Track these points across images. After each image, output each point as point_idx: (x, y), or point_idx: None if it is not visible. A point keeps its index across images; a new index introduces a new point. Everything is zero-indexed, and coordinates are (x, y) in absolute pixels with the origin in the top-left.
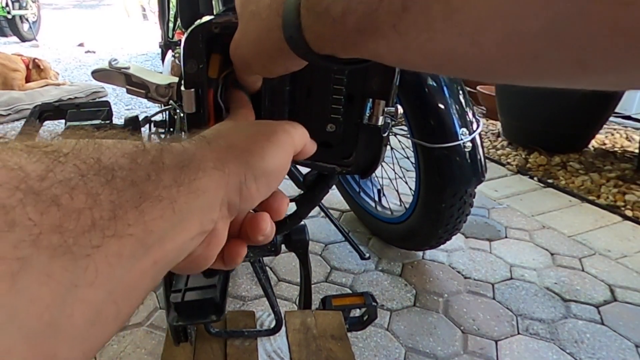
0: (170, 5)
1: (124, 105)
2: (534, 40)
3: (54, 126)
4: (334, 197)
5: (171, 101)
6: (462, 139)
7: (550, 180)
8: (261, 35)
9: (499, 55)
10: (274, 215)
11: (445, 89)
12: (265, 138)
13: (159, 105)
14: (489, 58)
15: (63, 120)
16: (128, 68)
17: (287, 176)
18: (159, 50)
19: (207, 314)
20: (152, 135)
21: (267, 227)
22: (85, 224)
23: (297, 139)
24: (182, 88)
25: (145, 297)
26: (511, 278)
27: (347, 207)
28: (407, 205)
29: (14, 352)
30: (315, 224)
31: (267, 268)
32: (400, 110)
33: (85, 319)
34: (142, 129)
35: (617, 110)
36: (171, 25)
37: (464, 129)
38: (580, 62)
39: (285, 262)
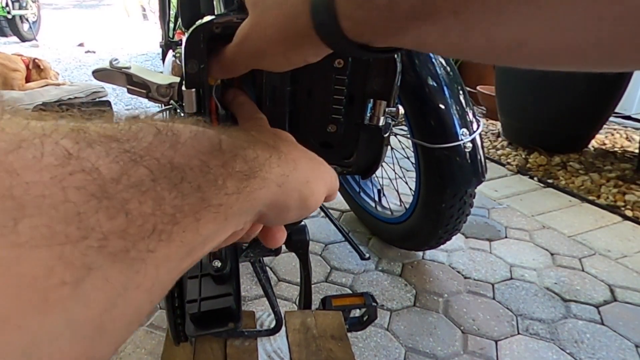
0: (171, 5)
1: (124, 105)
2: (618, 23)
3: None
4: None
5: (172, 101)
6: (462, 139)
7: (550, 180)
8: (286, 23)
9: (578, 40)
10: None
11: (445, 89)
12: (322, 175)
13: (160, 105)
14: (566, 43)
15: None
16: (129, 68)
17: None
18: (159, 50)
19: (225, 322)
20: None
21: (283, 238)
22: (147, 229)
23: (334, 188)
24: (183, 88)
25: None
26: (511, 278)
27: (347, 207)
28: (407, 206)
29: (65, 357)
30: (316, 224)
31: (267, 268)
32: (401, 110)
33: (127, 321)
34: None
35: (617, 110)
36: (172, 25)
37: (464, 129)
38: None
39: (285, 262)
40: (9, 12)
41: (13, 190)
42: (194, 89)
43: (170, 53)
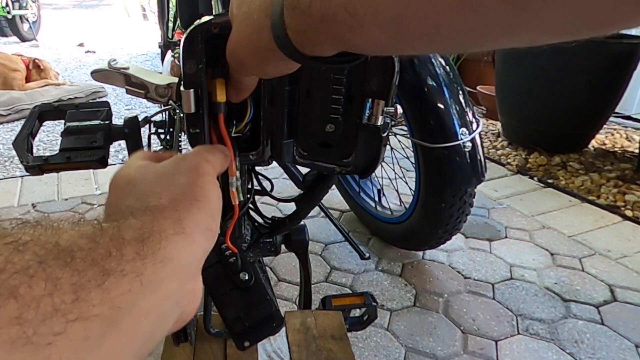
0: (170, 5)
1: (124, 105)
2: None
3: (53, 126)
4: (334, 197)
5: (171, 101)
6: (462, 139)
7: (550, 180)
8: (253, 36)
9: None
10: None
11: (445, 88)
12: (195, 176)
13: (159, 105)
14: (442, 26)
15: (63, 120)
16: (127, 68)
17: (287, 176)
18: (159, 50)
19: (271, 327)
20: (152, 136)
21: None
22: (46, 311)
23: (218, 166)
24: (182, 88)
25: None
26: (511, 278)
27: (347, 207)
28: (407, 205)
29: None
30: (315, 224)
31: (267, 268)
32: (400, 110)
33: None
34: (142, 129)
35: (617, 110)
36: (171, 25)
37: (464, 129)
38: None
39: (285, 262)
40: (9, 12)
41: None
42: (192, 89)
43: (169, 53)
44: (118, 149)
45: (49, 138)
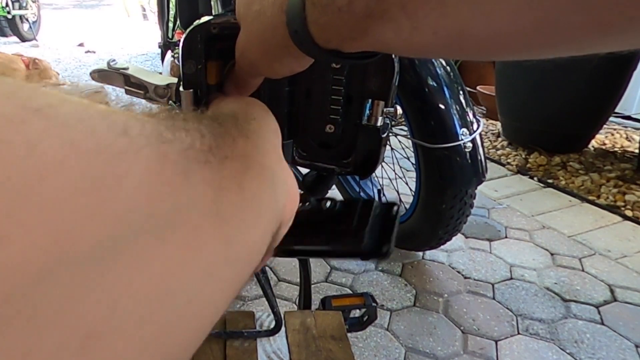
0: (170, 5)
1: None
2: (554, 5)
3: None
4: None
5: (170, 102)
6: (462, 139)
7: (550, 180)
8: (266, 34)
9: (515, 25)
10: None
11: (445, 89)
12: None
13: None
14: (503, 30)
15: None
16: (127, 69)
17: None
18: (159, 51)
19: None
20: None
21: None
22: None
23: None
24: (181, 89)
25: None
26: (511, 278)
27: None
28: (408, 206)
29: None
30: None
31: (267, 268)
32: (400, 110)
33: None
34: None
35: (617, 110)
36: (171, 25)
37: (465, 129)
38: (601, 23)
39: (285, 262)
40: (9, 12)
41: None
42: (191, 90)
43: (169, 53)
44: None
45: None
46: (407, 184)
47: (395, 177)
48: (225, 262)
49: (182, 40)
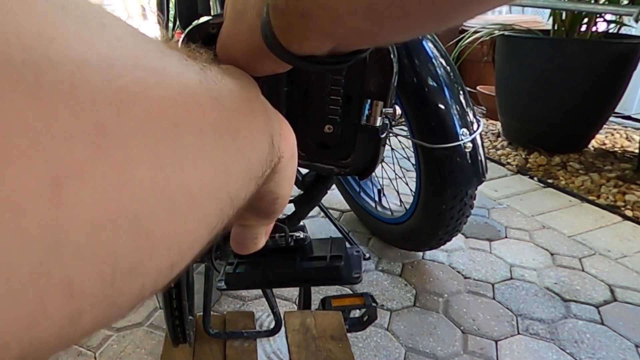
0: (170, 5)
1: None
2: None
3: None
4: (334, 197)
5: None
6: (462, 140)
7: (550, 180)
8: (245, 35)
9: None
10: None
11: (445, 89)
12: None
13: None
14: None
15: None
16: None
17: None
18: None
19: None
20: None
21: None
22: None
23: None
24: None
25: None
26: (511, 278)
27: (347, 207)
28: (408, 206)
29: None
30: (315, 224)
31: None
32: (399, 111)
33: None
34: None
35: (617, 110)
36: (171, 25)
37: (465, 129)
38: None
39: None
40: None
41: None
42: None
43: None
44: None
45: None
46: (407, 184)
47: (395, 177)
48: (237, 162)
49: (180, 40)
